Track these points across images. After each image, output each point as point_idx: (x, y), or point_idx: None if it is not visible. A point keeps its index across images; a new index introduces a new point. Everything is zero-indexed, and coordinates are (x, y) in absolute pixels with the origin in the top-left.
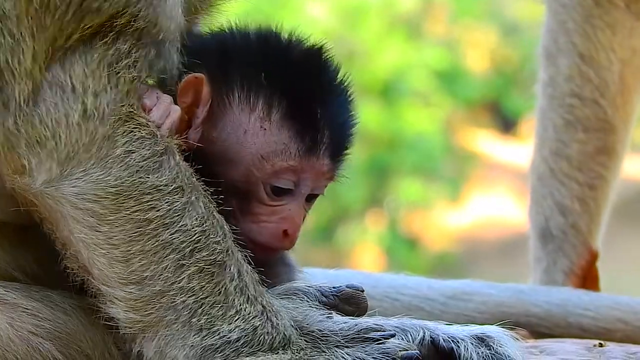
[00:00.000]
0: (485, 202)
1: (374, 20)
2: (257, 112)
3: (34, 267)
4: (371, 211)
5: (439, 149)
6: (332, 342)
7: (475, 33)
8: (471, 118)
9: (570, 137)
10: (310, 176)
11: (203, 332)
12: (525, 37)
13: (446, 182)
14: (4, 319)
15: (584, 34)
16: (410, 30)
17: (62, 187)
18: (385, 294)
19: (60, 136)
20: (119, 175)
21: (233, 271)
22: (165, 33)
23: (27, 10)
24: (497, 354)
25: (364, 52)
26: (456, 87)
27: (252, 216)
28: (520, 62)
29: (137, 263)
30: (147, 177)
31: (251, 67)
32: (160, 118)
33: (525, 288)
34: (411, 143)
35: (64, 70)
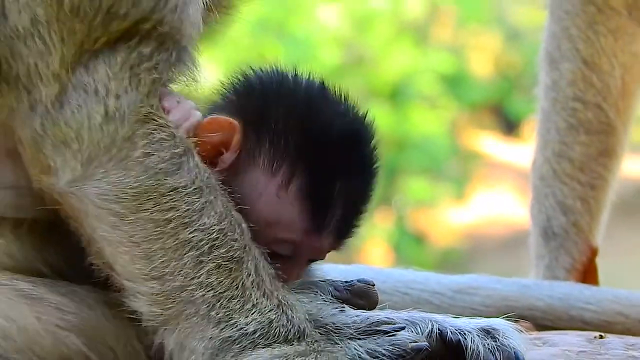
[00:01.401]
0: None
1: (383, 26)
2: (277, 179)
3: (61, 263)
4: (380, 209)
5: (444, 150)
6: (345, 334)
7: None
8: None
9: (573, 139)
10: (310, 250)
11: (221, 324)
12: (528, 43)
13: (451, 181)
14: (31, 313)
15: (587, 40)
16: (418, 36)
17: (85, 187)
18: (395, 288)
19: (83, 137)
20: (139, 176)
21: (250, 267)
22: (186, 38)
23: (57, 16)
24: (503, 345)
25: (373, 57)
26: (461, 90)
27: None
28: (523, 66)
29: (158, 260)
30: (165, 178)
31: (286, 132)
32: (179, 120)
33: (529, 283)
34: (418, 144)
35: (88, 73)
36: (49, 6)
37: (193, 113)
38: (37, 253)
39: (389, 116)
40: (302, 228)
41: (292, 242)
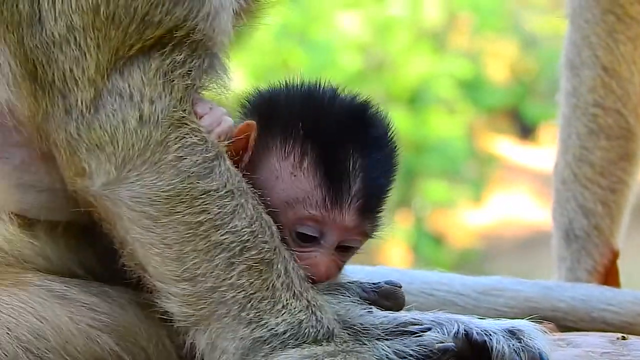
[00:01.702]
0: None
1: (402, 33)
2: (290, 159)
3: (94, 264)
4: (399, 210)
5: (462, 153)
6: (372, 335)
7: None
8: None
9: (594, 144)
10: (334, 229)
11: (252, 325)
12: (543, 49)
13: (469, 184)
14: (64, 313)
15: (607, 48)
16: (436, 42)
17: (119, 190)
18: (420, 290)
19: (117, 141)
20: (172, 180)
21: (280, 268)
22: (218, 46)
23: (93, 23)
24: (527, 346)
25: (393, 63)
26: (478, 95)
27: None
28: (539, 72)
29: (190, 262)
30: (197, 182)
31: (292, 118)
32: (211, 125)
33: (552, 284)
34: (436, 147)
35: (123, 78)
36: (85, 13)
37: (224, 119)
38: (71, 254)
39: (408, 120)
40: (321, 201)
41: (316, 220)
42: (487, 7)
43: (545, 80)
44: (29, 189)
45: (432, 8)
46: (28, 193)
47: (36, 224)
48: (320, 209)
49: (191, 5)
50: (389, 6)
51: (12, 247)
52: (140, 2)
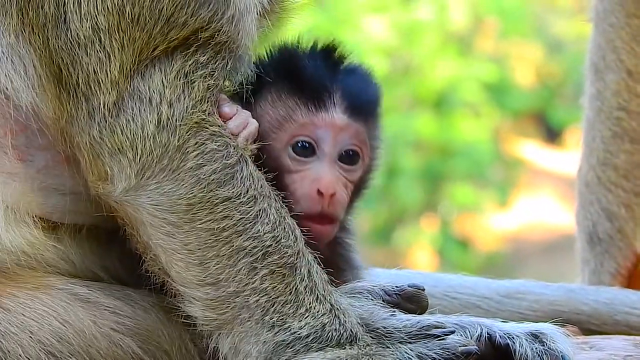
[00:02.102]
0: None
1: (428, 37)
2: (269, 100)
3: (117, 267)
4: (426, 214)
5: (488, 157)
6: (396, 338)
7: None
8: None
9: (618, 147)
10: (327, 131)
11: (275, 328)
12: (569, 53)
13: (495, 188)
14: (87, 317)
15: (631, 52)
16: (462, 46)
17: (139, 196)
18: (444, 293)
19: (137, 147)
20: (191, 188)
21: (303, 272)
22: (242, 48)
23: (118, 24)
24: (550, 349)
25: (419, 67)
26: (504, 99)
27: (289, 190)
28: (564, 76)
29: (212, 267)
30: (218, 189)
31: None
32: (237, 128)
33: (575, 287)
34: (463, 151)
35: (144, 81)
36: (110, 14)
37: (250, 121)
38: (95, 258)
39: (434, 124)
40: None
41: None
42: (512, 11)
43: (571, 84)
44: (52, 192)
45: (458, 12)
46: (52, 196)
47: (60, 227)
48: (306, 114)
49: (216, 7)
50: (415, 10)
51: (35, 251)
52: (166, 4)
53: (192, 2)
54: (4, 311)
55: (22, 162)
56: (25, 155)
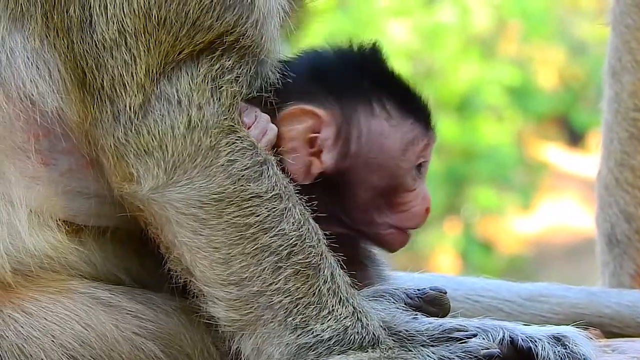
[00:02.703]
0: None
1: (451, 40)
2: (378, 114)
3: (140, 270)
4: (448, 217)
5: (511, 160)
6: (418, 341)
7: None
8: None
9: (634, 148)
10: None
11: (298, 330)
12: (592, 56)
13: (518, 191)
14: (109, 321)
15: None
16: (485, 49)
17: (168, 193)
18: (466, 296)
19: (166, 146)
20: (222, 182)
21: (327, 274)
22: (265, 52)
23: (145, 27)
24: (573, 352)
25: (442, 70)
26: (527, 102)
27: (402, 206)
28: (587, 79)
29: (237, 265)
30: (248, 185)
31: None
32: (258, 136)
33: (597, 290)
34: (485, 154)
35: (171, 84)
36: (136, 17)
37: (270, 127)
38: (118, 261)
39: (457, 127)
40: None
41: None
42: (535, 14)
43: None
44: (76, 195)
45: (481, 15)
46: (76, 199)
47: (83, 231)
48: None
49: (241, 12)
50: (438, 13)
51: (58, 254)
52: (192, 7)
53: (217, 6)
54: (26, 315)
55: (46, 166)
56: (48, 159)
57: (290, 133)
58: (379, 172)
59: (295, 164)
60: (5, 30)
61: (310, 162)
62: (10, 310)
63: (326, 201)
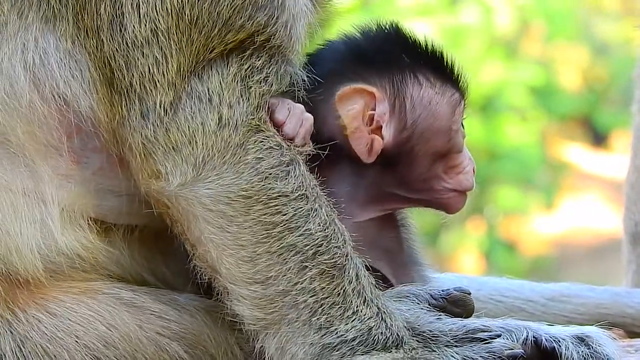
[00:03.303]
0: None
1: (474, 40)
2: (424, 84)
3: (165, 270)
4: (472, 217)
5: (534, 160)
6: (442, 341)
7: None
8: (564, 131)
9: None
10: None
11: (322, 330)
12: (615, 57)
13: (541, 191)
14: (133, 321)
15: None
16: (508, 50)
17: (196, 189)
18: (489, 297)
19: (196, 142)
20: (250, 179)
21: (352, 274)
22: (293, 53)
23: (177, 25)
24: (596, 352)
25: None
26: (551, 102)
27: (456, 168)
28: (610, 79)
29: (262, 263)
30: (275, 183)
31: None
32: (294, 129)
33: (621, 290)
34: (509, 154)
35: (202, 82)
36: (169, 16)
37: (305, 116)
38: (143, 261)
39: (481, 127)
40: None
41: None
42: (559, 14)
43: (617, 88)
44: (108, 193)
45: (504, 16)
46: (107, 198)
47: (112, 230)
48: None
49: (272, 12)
50: (461, 14)
51: (88, 254)
52: (224, 7)
53: (249, 6)
54: (50, 316)
55: (78, 164)
56: (80, 158)
57: (349, 113)
58: (436, 138)
59: (359, 144)
60: (38, 32)
61: (372, 140)
62: (34, 310)
63: (384, 180)
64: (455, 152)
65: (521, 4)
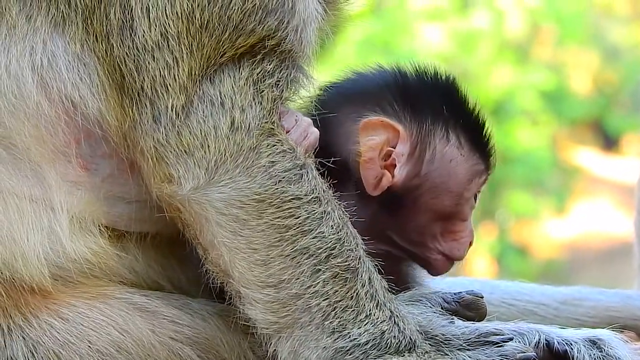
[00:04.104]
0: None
1: (485, 44)
2: (452, 142)
3: (181, 277)
4: (483, 222)
5: (545, 164)
6: (454, 345)
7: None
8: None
9: None
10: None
11: (335, 334)
12: (626, 60)
13: (552, 195)
14: (146, 326)
15: None
16: (519, 54)
17: (209, 193)
18: (501, 300)
19: (209, 146)
20: (263, 183)
21: (364, 278)
22: (303, 58)
23: (188, 29)
24: (609, 355)
25: (477, 74)
26: (561, 106)
27: (454, 234)
28: (621, 83)
29: (275, 267)
30: (288, 186)
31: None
32: (298, 139)
33: (632, 293)
34: (520, 158)
35: (214, 86)
36: (179, 20)
37: (311, 130)
38: (158, 267)
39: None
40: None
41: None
42: (569, 18)
43: (628, 92)
44: (118, 200)
45: (515, 20)
46: (117, 204)
47: (125, 236)
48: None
49: (282, 16)
50: (472, 18)
51: (99, 260)
52: (235, 11)
53: (259, 10)
54: (63, 321)
55: (87, 171)
56: (89, 164)
57: (368, 143)
58: (444, 197)
59: (369, 175)
60: (47, 35)
61: (382, 174)
62: (47, 316)
63: (380, 218)
64: (459, 219)
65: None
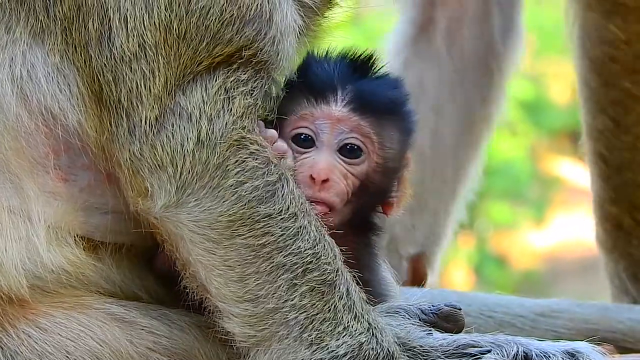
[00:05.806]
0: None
1: None
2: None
3: (156, 286)
4: (462, 232)
5: (524, 175)
6: (432, 357)
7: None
8: (555, 146)
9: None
10: (325, 122)
11: (313, 347)
12: None
13: (531, 205)
14: (124, 336)
15: None
16: None
17: (179, 213)
18: (479, 312)
19: (177, 163)
20: (232, 205)
21: (342, 290)
22: (279, 70)
23: (165, 39)
24: None
25: None
26: (541, 117)
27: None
28: None
29: (251, 283)
30: (259, 206)
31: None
32: (284, 146)
33: (610, 306)
34: (499, 169)
35: (186, 96)
36: (157, 31)
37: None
38: (134, 277)
39: None
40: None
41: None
42: (549, 28)
43: None
44: (94, 211)
45: None
46: (94, 215)
47: (101, 247)
48: (307, 107)
49: (259, 27)
50: None
51: (76, 270)
52: (213, 21)
53: (237, 20)
54: (40, 331)
55: (65, 182)
56: (67, 175)
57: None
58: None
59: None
60: (26, 46)
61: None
62: (25, 325)
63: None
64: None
65: None
